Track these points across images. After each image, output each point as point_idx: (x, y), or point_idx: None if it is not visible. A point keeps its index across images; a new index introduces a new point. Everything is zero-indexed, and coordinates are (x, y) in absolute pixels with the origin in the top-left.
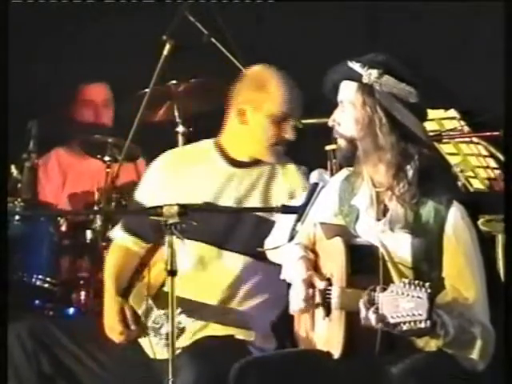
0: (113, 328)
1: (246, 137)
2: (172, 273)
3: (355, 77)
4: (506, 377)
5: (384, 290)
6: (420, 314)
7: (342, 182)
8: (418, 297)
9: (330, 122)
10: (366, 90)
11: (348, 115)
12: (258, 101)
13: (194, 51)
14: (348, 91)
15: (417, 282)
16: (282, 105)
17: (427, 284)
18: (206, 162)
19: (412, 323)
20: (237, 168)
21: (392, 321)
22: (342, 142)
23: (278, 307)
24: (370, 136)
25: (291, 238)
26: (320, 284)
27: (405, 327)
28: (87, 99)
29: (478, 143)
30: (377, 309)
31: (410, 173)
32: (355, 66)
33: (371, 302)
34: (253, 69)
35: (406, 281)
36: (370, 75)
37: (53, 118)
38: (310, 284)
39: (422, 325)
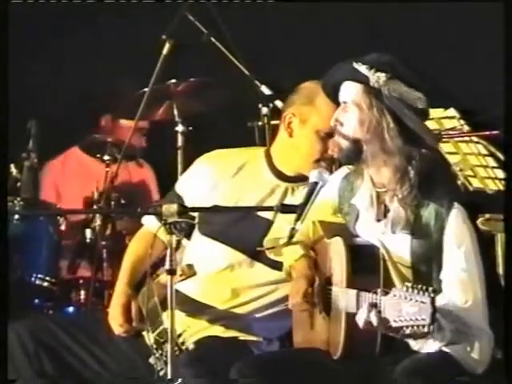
0: (114, 318)
1: (291, 150)
2: (171, 272)
3: (361, 78)
4: (506, 378)
5: (386, 293)
6: (423, 319)
7: (341, 181)
8: (422, 302)
9: (332, 122)
10: (374, 92)
11: (352, 116)
12: (305, 114)
13: (193, 51)
14: (352, 92)
15: (420, 286)
16: (329, 121)
17: (430, 289)
18: (253, 170)
19: (415, 327)
20: (282, 181)
21: (394, 324)
22: (344, 143)
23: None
24: (377, 139)
25: (291, 237)
26: (320, 283)
27: (407, 331)
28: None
29: (477, 142)
30: (379, 312)
31: (412, 174)
32: (361, 67)
33: (373, 305)
34: (306, 83)
35: (409, 285)
36: (378, 79)
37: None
38: (310, 282)
39: (425, 329)
